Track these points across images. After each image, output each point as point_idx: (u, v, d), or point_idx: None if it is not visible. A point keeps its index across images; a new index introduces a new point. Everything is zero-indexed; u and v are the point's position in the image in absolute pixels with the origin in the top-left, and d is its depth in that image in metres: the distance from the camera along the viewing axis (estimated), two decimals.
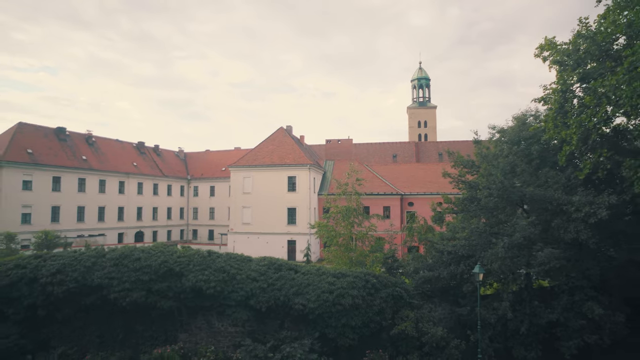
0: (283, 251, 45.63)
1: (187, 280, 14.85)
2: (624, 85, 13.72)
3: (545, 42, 18.10)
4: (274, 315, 15.16)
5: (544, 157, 18.07)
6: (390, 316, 15.44)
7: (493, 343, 15.35)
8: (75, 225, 51.33)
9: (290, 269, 16.01)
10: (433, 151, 68.89)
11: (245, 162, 50.54)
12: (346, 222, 22.59)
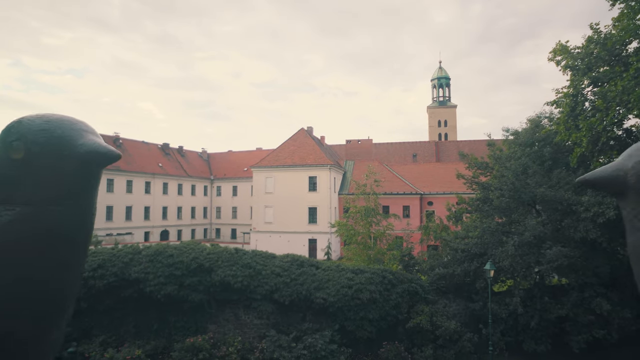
0: (304, 249, 46.70)
1: (216, 275, 16.04)
2: (631, 90, 14.29)
3: (558, 47, 18.67)
4: (296, 309, 16.22)
5: (556, 158, 18.65)
6: (406, 310, 16.33)
7: (504, 337, 16.09)
8: (105, 225, 53.42)
9: (311, 265, 17.07)
10: (453, 150, 68.96)
11: (267, 163, 51.80)
12: (365, 221, 23.55)
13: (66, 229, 2.32)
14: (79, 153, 2.29)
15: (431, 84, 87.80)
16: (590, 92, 17.75)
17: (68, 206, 2.30)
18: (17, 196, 2.25)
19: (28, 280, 2.24)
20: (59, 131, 2.27)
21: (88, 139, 2.37)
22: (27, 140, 2.20)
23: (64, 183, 2.40)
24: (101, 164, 2.29)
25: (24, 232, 2.19)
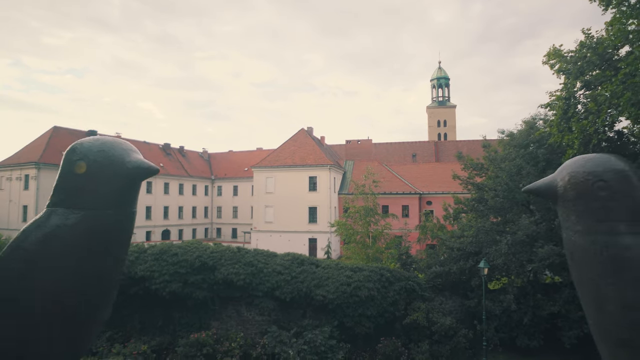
0: (304, 249, 47.25)
1: (220, 273, 16.56)
2: (620, 94, 14.78)
3: (552, 50, 19.16)
4: (297, 305, 16.74)
5: (550, 159, 19.14)
6: (403, 307, 16.85)
7: (498, 333, 16.63)
8: None
9: (311, 263, 17.60)
10: (452, 150, 69.46)
11: (267, 163, 52.35)
12: (363, 221, 24.08)
13: (118, 228, 2.94)
14: (128, 169, 2.90)
15: (430, 84, 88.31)
16: (582, 95, 18.23)
17: (119, 210, 2.91)
18: (81, 202, 2.84)
19: (91, 266, 2.81)
20: (112, 151, 2.87)
21: (133, 157, 2.98)
22: (89, 159, 2.80)
23: (116, 192, 3.01)
24: (143, 177, 2.89)
25: (87, 230, 2.77)
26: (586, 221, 3.14)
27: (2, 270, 2.96)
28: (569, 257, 3.59)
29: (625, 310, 2.90)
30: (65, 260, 2.94)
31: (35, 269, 2.94)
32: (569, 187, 3.19)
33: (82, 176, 2.91)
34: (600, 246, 3.01)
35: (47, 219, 3.00)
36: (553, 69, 19.20)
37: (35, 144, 51.09)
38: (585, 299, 3.54)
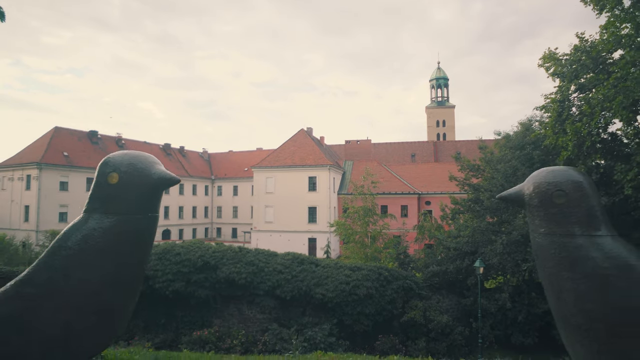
0: (304, 248, 47.63)
1: (222, 272, 16.95)
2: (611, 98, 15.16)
3: (546, 54, 19.53)
4: (297, 304, 17.13)
5: (545, 160, 19.53)
6: (400, 305, 17.25)
7: (494, 330, 17.03)
8: None
9: (311, 262, 17.99)
10: (451, 150, 69.82)
11: (267, 163, 52.73)
12: (362, 221, 24.48)
13: (145, 230, 3.77)
14: (153, 179, 3.75)
15: (429, 85, 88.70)
16: (576, 98, 18.61)
17: (146, 215, 3.75)
18: (113, 208, 3.67)
19: (121, 263, 3.63)
20: (139, 164, 3.70)
21: (157, 169, 3.83)
22: (120, 171, 3.63)
23: (143, 199, 3.88)
24: (166, 186, 3.68)
25: (119, 232, 3.59)
26: (547, 224, 3.78)
27: (48, 266, 3.75)
28: (534, 255, 4.22)
29: (577, 299, 3.52)
30: (100, 258, 3.67)
31: (75, 264, 3.71)
32: (534, 195, 3.84)
33: (114, 186, 3.64)
34: (558, 246, 3.65)
35: (85, 223, 3.74)
36: (548, 72, 19.59)
37: (37, 144, 51.41)
38: (548, 291, 4.16)
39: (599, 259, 3.66)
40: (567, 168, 4.08)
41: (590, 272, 3.70)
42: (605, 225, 3.83)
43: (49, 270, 3.66)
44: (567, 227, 3.81)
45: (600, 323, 3.65)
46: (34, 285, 3.84)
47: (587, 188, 3.74)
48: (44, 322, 3.81)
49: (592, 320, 3.68)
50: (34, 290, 3.82)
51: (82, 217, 3.81)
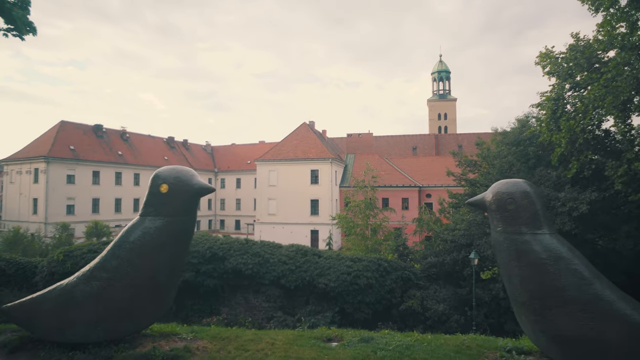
0: (306, 240, 48.57)
1: (229, 263, 17.80)
2: (602, 98, 15.83)
3: (542, 53, 20.14)
4: (300, 293, 17.99)
5: (539, 157, 20.25)
6: (399, 295, 18.10)
7: (488, 319, 17.87)
8: (113, 216, 55.33)
9: (314, 254, 18.84)
10: (453, 143, 70.50)
11: (270, 156, 53.53)
12: (363, 214, 25.30)
13: (187, 229, 5.18)
14: (194, 189, 5.17)
15: (431, 78, 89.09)
16: (570, 97, 19.26)
17: (187, 217, 5.18)
18: (163, 212, 5.02)
19: (169, 254, 5.02)
20: (183, 177, 5.08)
21: (196, 180, 5.30)
22: (169, 183, 4.95)
23: (185, 205, 5.36)
24: (204, 194, 5.06)
25: (168, 230, 4.99)
26: (502, 224, 4.85)
27: (115, 256, 4.85)
28: (493, 248, 5.25)
29: (523, 283, 4.59)
30: (155, 250, 4.82)
31: (136, 255, 4.84)
32: (492, 202, 4.93)
33: (164, 194, 4.83)
34: (509, 241, 4.73)
35: (142, 223, 4.96)
36: (544, 70, 20.23)
37: (44, 138, 52.29)
38: (503, 276, 5.17)
39: (538, 252, 4.78)
40: (519, 181, 5.19)
41: (532, 261, 4.82)
42: (546, 224, 4.98)
43: (116, 259, 4.99)
44: (516, 226, 4.97)
45: (537, 300, 4.79)
46: (106, 270, 5.23)
47: (533, 197, 4.95)
48: (115, 297, 5.19)
49: (532, 298, 4.83)
50: (107, 274, 5.21)
51: (139, 219, 5.24)
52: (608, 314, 4.57)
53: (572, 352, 4.85)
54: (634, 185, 16.52)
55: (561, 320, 4.71)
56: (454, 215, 21.89)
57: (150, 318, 5.83)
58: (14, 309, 5.69)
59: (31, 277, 18.97)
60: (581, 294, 4.62)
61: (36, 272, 19.01)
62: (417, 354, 5.44)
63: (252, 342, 5.74)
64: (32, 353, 5.47)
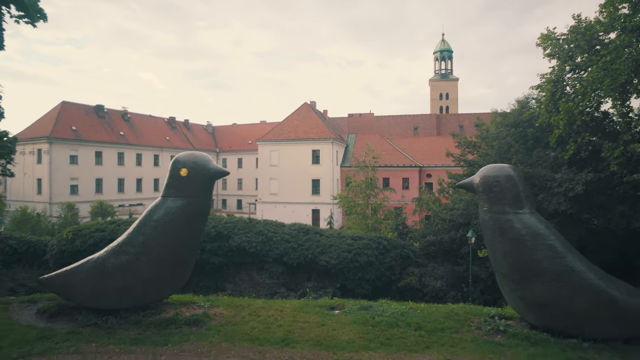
0: (308, 219, 49.19)
1: (233, 241, 18.33)
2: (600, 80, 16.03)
3: (544, 35, 20.21)
4: (302, 270, 18.58)
5: (538, 138, 20.53)
6: (398, 272, 18.68)
7: (484, 295, 18.47)
8: (117, 196, 55.90)
9: (316, 232, 19.36)
10: (454, 123, 70.49)
11: (271, 137, 53.75)
12: (364, 194, 25.74)
13: (205, 209, 5.87)
14: (210, 172, 5.85)
15: (433, 57, 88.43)
16: (570, 79, 19.42)
17: (204, 198, 5.86)
18: (183, 193, 5.69)
19: (188, 231, 5.71)
20: (200, 162, 5.74)
21: (212, 164, 5.99)
22: (188, 167, 5.62)
23: (202, 187, 6.06)
24: (219, 177, 5.74)
25: (187, 210, 5.69)
26: (488, 205, 5.35)
27: (141, 232, 5.37)
28: (480, 226, 5.75)
29: (505, 256, 5.13)
30: (176, 227, 5.37)
31: (160, 231, 5.39)
32: (480, 184, 5.43)
33: (184, 178, 5.38)
34: (494, 220, 5.26)
35: (164, 203, 5.51)
36: (544, 52, 20.33)
37: (46, 119, 52.47)
38: (488, 251, 5.67)
39: (519, 229, 5.38)
40: (505, 165, 5.71)
41: (513, 237, 5.43)
42: (527, 205, 5.58)
43: (142, 236, 5.60)
44: (500, 206, 5.58)
45: (517, 271, 5.44)
46: (133, 245, 5.83)
47: (516, 180, 5.53)
48: (142, 269, 5.86)
49: (512, 269, 5.47)
50: (134, 249, 5.82)
51: (161, 199, 5.88)
52: (578, 283, 5.23)
53: (545, 316, 5.55)
54: (629, 166, 16.87)
55: (537, 288, 5.35)
56: (452, 195, 22.31)
57: (172, 288, 6.60)
58: (51, 280, 6.34)
59: (41, 255, 19.56)
60: (554, 266, 5.26)
61: (46, 250, 19.59)
62: (410, 318, 6.07)
63: (263, 309, 6.48)
64: (70, 317, 6.18)
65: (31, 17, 8.67)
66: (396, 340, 5.47)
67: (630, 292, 5.44)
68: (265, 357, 5.04)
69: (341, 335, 5.64)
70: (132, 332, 5.71)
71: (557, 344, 5.32)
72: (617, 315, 5.26)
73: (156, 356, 5.08)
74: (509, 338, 5.57)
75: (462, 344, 5.42)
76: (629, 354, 5.06)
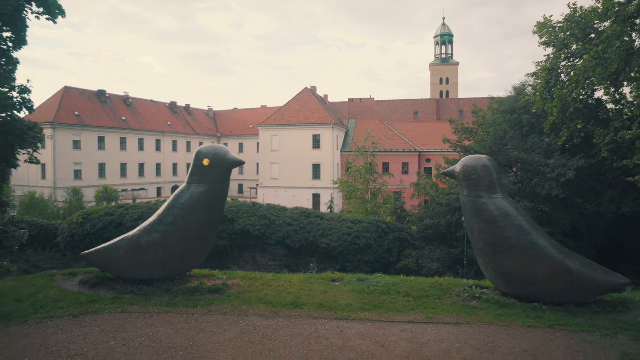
0: (308, 204, 49.91)
1: (238, 224, 19.07)
2: (592, 69, 16.53)
3: (540, 23, 20.58)
4: (304, 252, 19.36)
5: (533, 124, 21.10)
6: (396, 254, 19.46)
7: (478, 276, 19.22)
8: (119, 181, 56.49)
9: (317, 216, 20.09)
10: (454, 108, 70.84)
11: (272, 122, 54.20)
12: (363, 179, 26.42)
13: (223, 194, 6.94)
14: (228, 162, 6.88)
15: (434, 41, 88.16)
16: (564, 67, 19.89)
17: (222, 185, 6.91)
18: (206, 180, 6.71)
19: (210, 213, 6.73)
20: (220, 153, 6.75)
21: (230, 155, 7.03)
22: (210, 158, 6.59)
23: (221, 175, 7.12)
24: (236, 166, 6.77)
25: (209, 195, 6.71)
26: (467, 190, 6.14)
27: (170, 214, 6.16)
28: (462, 209, 6.58)
29: (480, 234, 5.92)
30: (200, 209, 6.16)
31: (186, 213, 6.23)
32: (460, 172, 6.19)
33: (206, 167, 6.15)
34: (472, 203, 6.04)
35: (189, 188, 6.35)
36: (540, 40, 20.73)
37: (49, 104, 52.82)
38: (468, 230, 6.45)
39: (492, 211, 6.31)
40: (482, 156, 6.52)
41: (487, 217, 6.37)
42: (500, 190, 6.50)
43: (171, 216, 6.55)
44: (477, 192, 6.52)
45: (490, 246, 6.36)
46: (164, 225, 6.79)
47: (491, 169, 6.37)
48: (171, 245, 6.80)
49: (486, 245, 6.41)
50: (164, 227, 6.78)
51: (186, 185, 6.88)
52: (539, 256, 6.20)
53: (513, 284, 6.59)
54: (619, 152, 17.48)
55: (506, 261, 6.36)
56: (449, 180, 22.95)
57: (196, 262, 7.53)
58: (92, 255, 7.31)
59: (53, 238, 20.33)
60: (521, 242, 6.21)
61: (57, 234, 20.35)
62: (400, 288, 7.06)
63: (274, 281, 7.59)
64: (109, 287, 7.22)
65: (52, 13, 9.17)
66: (387, 304, 6.52)
67: (584, 264, 6.42)
68: (279, 315, 6.10)
69: (341, 300, 6.68)
70: (165, 298, 6.71)
71: (522, 307, 6.36)
72: (572, 283, 6.26)
73: (189, 315, 6.09)
74: (483, 303, 6.60)
75: (442, 307, 6.44)
76: (579, 314, 6.13)
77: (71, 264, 18.79)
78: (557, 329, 5.60)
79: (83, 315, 6.01)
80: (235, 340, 5.17)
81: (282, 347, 5.02)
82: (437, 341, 5.22)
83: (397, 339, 5.25)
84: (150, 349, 4.94)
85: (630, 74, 16.18)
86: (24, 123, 10.85)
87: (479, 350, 4.97)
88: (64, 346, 5.02)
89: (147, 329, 5.54)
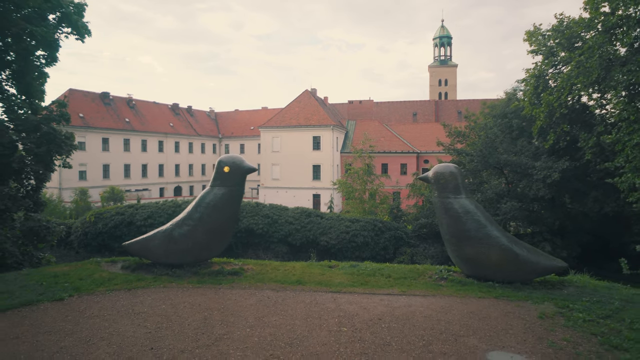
0: (309, 204, 50.97)
1: (242, 223, 20.17)
2: (575, 77, 17.61)
3: (529, 32, 21.66)
4: (305, 249, 20.46)
5: (522, 128, 22.20)
6: (392, 251, 20.57)
7: None
8: (123, 181, 57.52)
9: (317, 215, 21.21)
10: (452, 110, 71.93)
11: (273, 123, 55.31)
12: (361, 180, 27.55)
13: (239, 195, 8.64)
14: (244, 169, 8.57)
15: (433, 43, 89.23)
16: (551, 74, 20.97)
17: (239, 187, 8.58)
18: (226, 183, 8.46)
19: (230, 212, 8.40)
20: (237, 161, 8.40)
21: (245, 163, 8.78)
22: (230, 165, 8.24)
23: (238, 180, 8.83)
24: (250, 172, 8.36)
25: (229, 196, 8.43)
26: (437, 192, 7.45)
27: (197, 211, 7.48)
28: (434, 207, 7.88)
29: (447, 227, 7.21)
30: (222, 207, 7.57)
31: (210, 210, 7.61)
32: (432, 177, 7.47)
33: (227, 173, 7.45)
34: (441, 202, 7.32)
35: (212, 190, 7.76)
36: (529, 48, 21.81)
37: None
38: (438, 224, 7.70)
39: (457, 209, 7.67)
40: (450, 165, 7.82)
41: (452, 214, 7.72)
42: (464, 192, 7.85)
43: (198, 213, 8.22)
44: (445, 193, 7.89)
45: (454, 237, 7.76)
46: (192, 220, 8.26)
47: (457, 175, 7.73)
48: (199, 236, 8.25)
49: (452, 236, 7.80)
50: (193, 222, 8.25)
51: (209, 188, 8.44)
52: (493, 244, 7.62)
53: (472, 267, 8.03)
54: (602, 155, 18.57)
55: (467, 248, 7.81)
56: None
57: (218, 250, 9.04)
58: (132, 245, 8.81)
59: (67, 237, 21.42)
60: (478, 233, 7.63)
61: (70, 232, 21.45)
62: (384, 271, 8.73)
63: (281, 266, 9.36)
64: (148, 270, 8.70)
65: (80, 33, 10.24)
66: (372, 283, 8.10)
67: (529, 250, 7.87)
68: (287, 289, 7.66)
69: (335, 280, 8.27)
70: (194, 278, 8.20)
71: (478, 284, 7.87)
72: (518, 266, 7.74)
73: (217, 289, 7.66)
74: (449, 282, 8.10)
75: (415, 285, 7.96)
76: (521, 289, 7.65)
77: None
78: (501, 299, 7.11)
79: (134, 289, 7.51)
80: (255, 305, 6.69)
81: (289, 309, 6.52)
82: (406, 306, 6.72)
83: (376, 304, 6.78)
84: (193, 309, 6.44)
85: (610, 82, 17.24)
86: (62, 133, 12.20)
87: (437, 311, 6.45)
88: (128, 308, 6.49)
89: (187, 297, 7.04)
